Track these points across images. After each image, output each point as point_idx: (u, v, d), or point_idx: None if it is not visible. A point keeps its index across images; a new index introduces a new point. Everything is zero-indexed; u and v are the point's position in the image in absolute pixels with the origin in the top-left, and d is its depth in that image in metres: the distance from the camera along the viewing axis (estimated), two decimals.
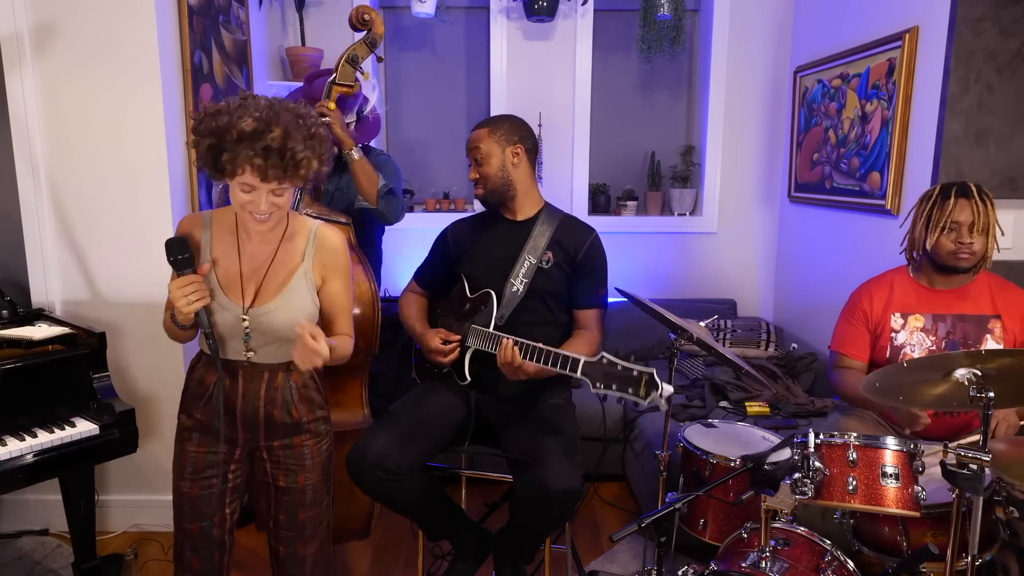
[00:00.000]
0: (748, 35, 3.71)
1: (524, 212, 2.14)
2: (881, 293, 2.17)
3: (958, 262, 2.02)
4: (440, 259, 2.26)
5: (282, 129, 1.41)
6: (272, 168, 1.42)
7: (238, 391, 1.64)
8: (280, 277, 1.62)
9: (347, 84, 2.34)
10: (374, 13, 2.35)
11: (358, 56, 2.34)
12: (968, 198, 1.98)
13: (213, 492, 1.67)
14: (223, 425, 1.65)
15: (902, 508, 1.58)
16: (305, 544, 1.74)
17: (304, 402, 1.68)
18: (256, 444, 1.69)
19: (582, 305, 2.12)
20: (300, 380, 1.68)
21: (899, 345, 2.14)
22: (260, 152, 1.40)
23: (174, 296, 1.50)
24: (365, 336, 2.21)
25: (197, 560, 1.70)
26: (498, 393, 2.07)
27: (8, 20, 2.37)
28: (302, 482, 1.69)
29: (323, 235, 1.67)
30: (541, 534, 2.03)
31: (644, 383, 1.61)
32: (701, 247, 3.92)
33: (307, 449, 1.69)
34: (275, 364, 1.65)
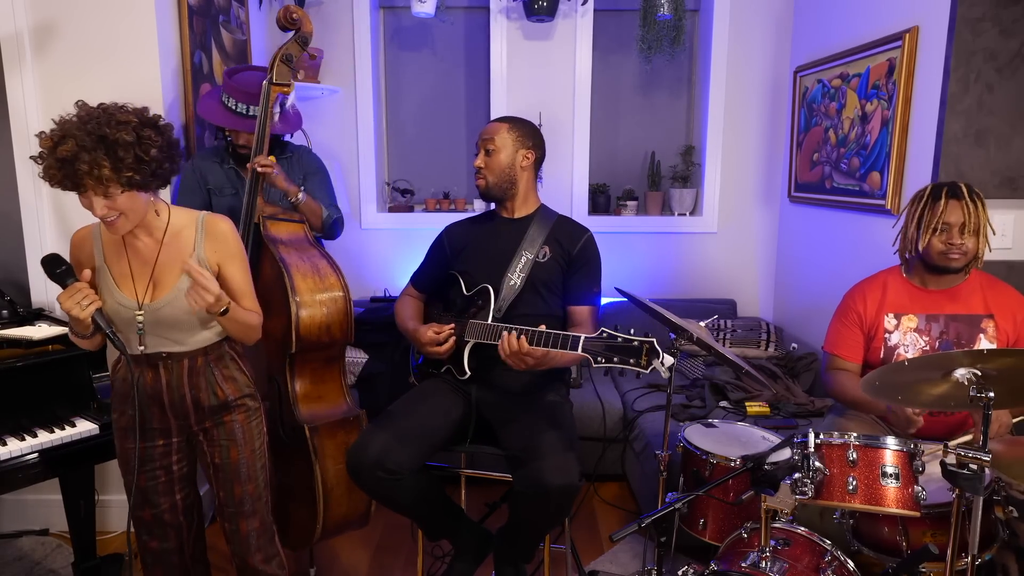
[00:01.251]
0: (748, 35, 3.71)
1: (520, 211, 2.18)
2: (874, 294, 2.18)
3: (949, 262, 2.02)
4: (436, 261, 2.28)
5: (75, 141, 1.47)
6: (66, 179, 1.50)
7: (162, 382, 1.73)
8: (173, 270, 1.69)
9: (284, 83, 2.34)
10: (300, 12, 2.34)
11: (292, 55, 2.34)
12: (959, 199, 1.99)
13: (160, 483, 1.79)
14: (154, 418, 1.75)
15: (902, 508, 1.58)
16: (246, 520, 1.83)
17: (228, 381, 1.78)
18: (190, 430, 1.79)
19: (576, 302, 2.14)
20: (221, 361, 1.78)
21: (892, 346, 2.14)
22: (55, 164, 1.49)
23: (67, 307, 1.57)
24: (340, 327, 2.23)
25: (154, 541, 1.83)
26: (498, 387, 2.08)
27: (8, 20, 2.37)
28: (235, 457, 1.79)
29: (211, 222, 1.74)
30: (540, 530, 2.03)
31: (645, 352, 1.66)
32: (701, 247, 3.92)
33: (237, 425, 1.80)
34: (193, 351, 1.74)
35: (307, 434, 2.13)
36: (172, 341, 1.72)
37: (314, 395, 2.26)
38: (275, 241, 2.25)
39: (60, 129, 1.50)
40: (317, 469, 2.14)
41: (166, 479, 1.80)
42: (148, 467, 1.77)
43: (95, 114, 1.53)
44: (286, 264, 2.17)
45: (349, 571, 2.55)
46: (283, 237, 2.29)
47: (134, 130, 1.54)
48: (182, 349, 1.73)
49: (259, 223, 2.28)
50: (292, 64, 2.34)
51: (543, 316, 2.09)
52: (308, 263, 2.24)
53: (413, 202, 3.96)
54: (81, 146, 1.47)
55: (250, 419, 1.82)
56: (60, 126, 1.51)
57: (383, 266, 3.81)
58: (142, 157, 1.54)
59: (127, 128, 1.53)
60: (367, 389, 3.20)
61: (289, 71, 2.34)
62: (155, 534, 1.82)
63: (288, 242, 2.28)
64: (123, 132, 1.52)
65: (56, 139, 1.49)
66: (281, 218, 2.34)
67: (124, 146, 1.52)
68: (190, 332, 1.72)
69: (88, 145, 1.48)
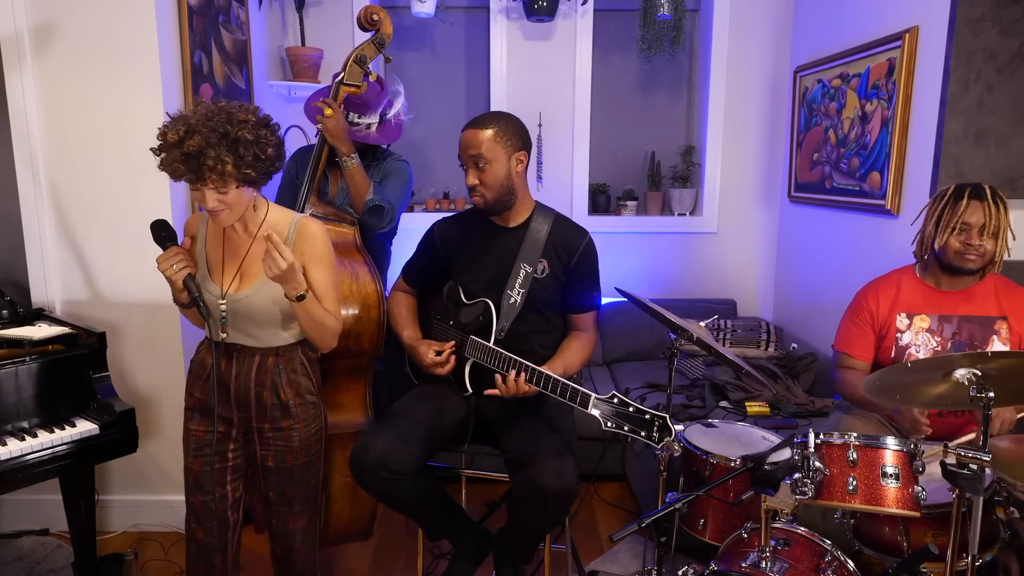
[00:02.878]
0: (748, 35, 3.71)
1: (516, 219, 2.07)
2: (887, 293, 2.16)
3: (964, 263, 2.01)
4: (428, 259, 2.22)
5: (201, 136, 1.53)
6: (189, 171, 1.56)
7: (232, 372, 1.79)
8: (261, 265, 1.70)
9: (354, 84, 2.35)
10: (383, 13, 2.34)
11: (366, 56, 2.34)
12: (981, 200, 1.96)
13: (214, 469, 1.82)
14: (219, 404, 1.80)
15: (902, 508, 1.58)
16: (295, 519, 1.87)
17: (292, 386, 1.81)
18: (249, 425, 1.82)
19: (578, 309, 2.11)
20: (291, 365, 1.81)
21: (904, 345, 2.14)
22: (180, 158, 1.55)
23: (162, 267, 1.67)
24: (370, 338, 2.21)
25: (201, 531, 1.84)
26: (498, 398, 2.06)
27: (8, 20, 2.37)
28: (290, 462, 1.82)
29: (304, 226, 1.78)
30: (539, 533, 2.03)
31: (657, 427, 1.65)
32: (701, 247, 3.92)
33: (295, 432, 1.82)
34: (266, 348, 1.79)
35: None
36: (250, 336, 1.77)
37: (334, 403, 2.24)
38: None
39: (184, 124, 1.55)
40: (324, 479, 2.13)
41: (220, 466, 1.83)
42: (206, 452, 1.81)
43: (217, 112, 1.58)
44: None
45: (349, 571, 2.55)
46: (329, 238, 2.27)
47: (253, 128, 1.61)
48: (256, 344, 1.78)
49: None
50: (365, 66, 2.33)
51: (544, 332, 2.09)
52: (348, 269, 2.22)
53: (413, 202, 3.95)
54: (208, 142, 1.53)
55: (309, 426, 1.83)
56: (183, 122, 1.56)
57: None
58: (259, 155, 1.61)
59: (247, 127, 1.59)
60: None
61: (362, 72, 2.34)
62: (203, 523, 1.84)
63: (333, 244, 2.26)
64: (244, 130, 1.58)
65: (183, 134, 1.54)
66: (331, 219, 2.33)
67: (245, 144, 1.58)
68: (268, 329, 1.77)
69: (213, 141, 1.54)
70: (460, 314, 2.11)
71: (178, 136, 1.54)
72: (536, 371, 1.83)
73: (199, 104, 1.62)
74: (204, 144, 1.53)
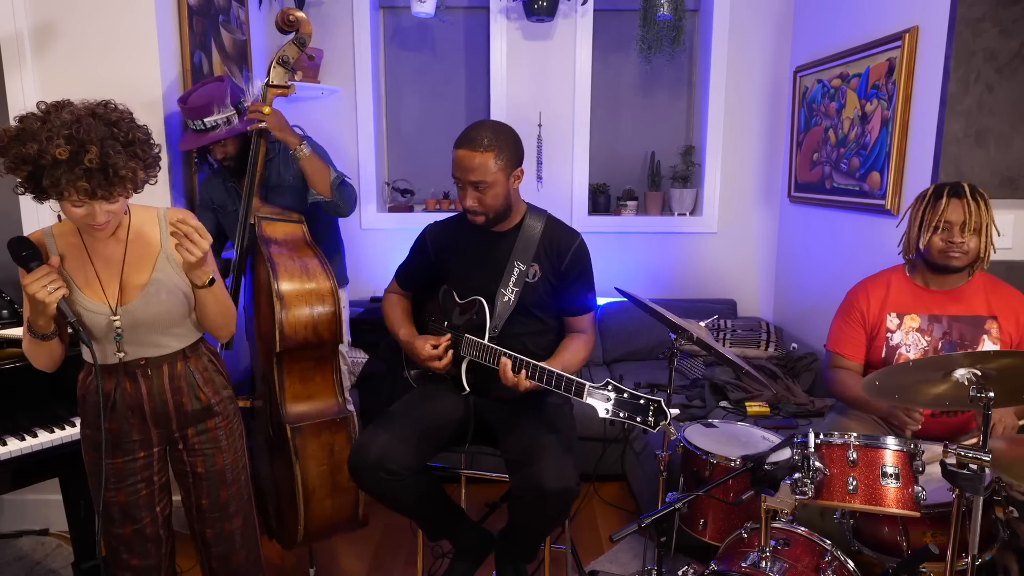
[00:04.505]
0: (748, 35, 3.71)
1: (508, 223, 2.06)
2: (877, 292, 2.17)
3: (949, 261, 2.02)
4: (420, 262, 2.21)
5: (97, 146, 1.35)
6: (99, 187, 1.38)
7: (141, 392, 1.65)
8: (142, 270, 1.62)
9: (282, 85, 2.35)
10: (298, 13, 2.34)
11: (288, 57, 2.33)
12: (960, 198, 1.98)
13: (141, 496, 1.71)
14: (133, 430, 1.67)
15: (902, 508, 1.58)
16: (230, 520, 1.79)
17: (208, 384, 1.73)
18: (170, 437, 1.72)
19: (573, 311, 2.09)
20: (200, 364, 1.72)
21: (894, 345, 2.14)
22: (82, 175, 1.36)
23: (32, 289, 1.44)
24: (328, 327, 2.23)
25: (136, 559, 1.73)
26: (497, 396, 2.06)
27: (8, 20, 2.37)
28: (220, 463, 1.75)
29: (172, 214, 1.65)
30: (539, 533, 2.03)
31: (653, 411, 1.63)
32: (701, 247, 3.92)
33: (221, 431, 1.75)
34: (172, 354, 1.67)
35: (288, 434, 2.12)
36: (151, 344, 1.65)
37: (303, 395, 2.25)
38: (268, 241, 2.25)
39: (60, 136, 1.34)
40: (297, 470, 2.13)
41: (147, 492, 1.71)
42: (129, 481, 1.68)
43: (84, 114, 1.39)
44: (273, 264, 2.17)
45: (349, 571, 2.55)
46: (277, 237, 2.29)
47: (132, 124, 1.46)
48: (161, 352, 1.66)
49: (254, 224, 2.28)
50: (289, 65, 2.34)
51: (538, 333, 2.08)
52: (298, 263, 2.23)
53: (413, 202, 3.96)
54: (110, 150, 1.37)
55: (231, 421, 1.78)
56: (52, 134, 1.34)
57: (383, 266, 3.80)
58: (154, 153, 1.50)
59: (130, 124, 1.45)
60: (367, 389, 3.20)
61: (287, 73, 2.34)
62: (136, 551, 1.72)
63: (282, 242, 2.28)
64: (132, 129, 1.44)
65: (74, 147, 1.34)
66: (278, 219, 2.34)
67: (141, 144, 1.45)
68: (170, 331, 1.66)
69: (116, 148, 1.38)
70: (454, 314, 2.11)
71: (67, 152, 1.33)
72: (531, 364, 1.82)
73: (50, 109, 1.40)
74: (108, 153, 1.36)
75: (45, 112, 1.41)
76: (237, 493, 1.79)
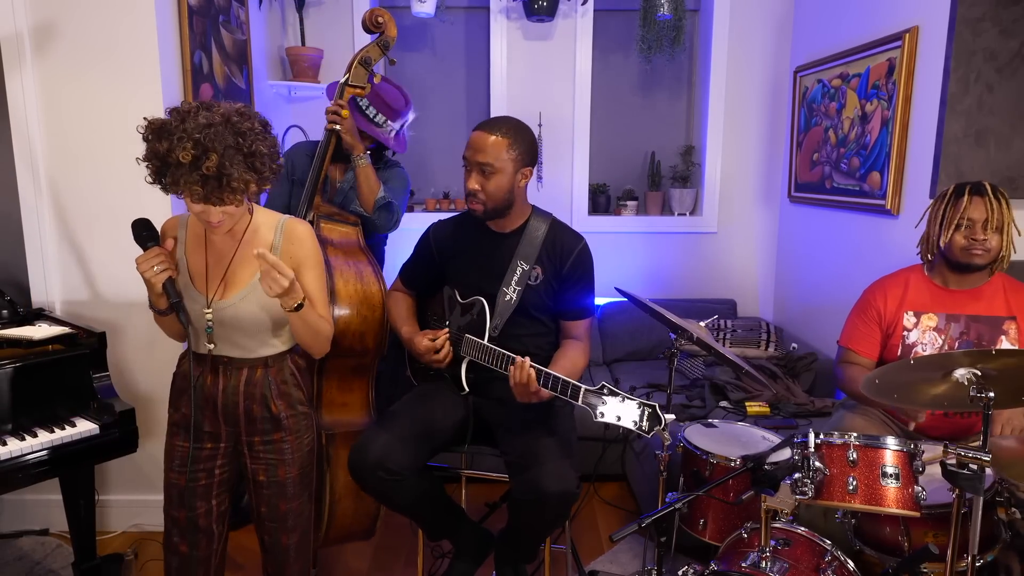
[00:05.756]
0: (748, 35, 3.71)
1: (512, 224, 2.07)
2: (895, 291, 2.16)
3: (972, 259, 2.01)
4: (424, 260, 2.22)
5: (219, 155, 1.42)
6: (211, 194, 1.45)
7: (218, 386, 1.70)
8: (247, 271, 1.65)
9: (359, 86, 2.36)
10: (387, 15, 2.35)
11: (371, 58, 2.35)
12: (982, 196, 1.99)
13: (200, 485, 1.74)
14: (206, 420, 1.72)
15: (902, 508, 1.58)
16: (288, 534, 1.79)
17: (283, 397, 1.73)
18: (239, 439, 1.75)
19: (571, 315, 2.08)
20: (280, 376, 1.74)
21: (911, 344, 2.14)
22: (198, 180, 1.43)
23: (142, 268, 1.58)
24: (375, 337, 2.20)
25: (185, 545, 1.76)
26: (496, 396, 2.06)
27: (8, 20, 2.37)
28: (282, 476, 1.75)
29: (291, 227, 1.70)
30: (539, 535, 2.03)
31: (647, 416, 1.63)
32: (701, 247, 3.92)
33: (287, 445, 1.75)
34: (254, 359, 1.71)
35: (323, 440, 2.11)
36: (237, 346, 1.69)
37: (338, 402, 2.24)
38: (324, 242, 2.21)
39: (190, 140, 1.41)
40: (328, 477, 2.12)
41: (206, 482, 1.74)
42: (191, 468, 1.73)
43: (220, 121, 1.46)
44: (329, 266, 2.15)
45: (349, 571, 2.55)
46: (334, 239, 2.27)
47: (263, 138, 1.52)
48: (244, 356, 1.69)
49: (313, 221, 2.27)
50: (371, 67, 2.35)
51: (538, 335, 2.08)
52: (353, 268, 2.22)
53: (413, 202, 3.96)
54: (229, 161, 1.43)
55: (301, 438, 1.77)
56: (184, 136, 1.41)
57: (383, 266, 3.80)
58: (274, 168, 1.55)
59: (258, 137, 1.50)
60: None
61: (366, 74, 2.35)
62: (186, 537, 1.75)
63: (338, 244, 2.26)
64: (257, 142, 1.49)
65: (197, 152, 1.41)
66: (336, 219, 2.33)
67: (261, 158, 1.50)
68: (257, 337, 1.69)
69: (236, 160, 1.44)
70: (455, 314, 2.11)
71: (190, 156, 1.41)
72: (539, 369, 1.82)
73: (192, 110, 1.47)
74: (225, 164, 1.43)
75: (186, 112, 1.47)
76: (298, 508, 1.79)
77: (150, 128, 1.48)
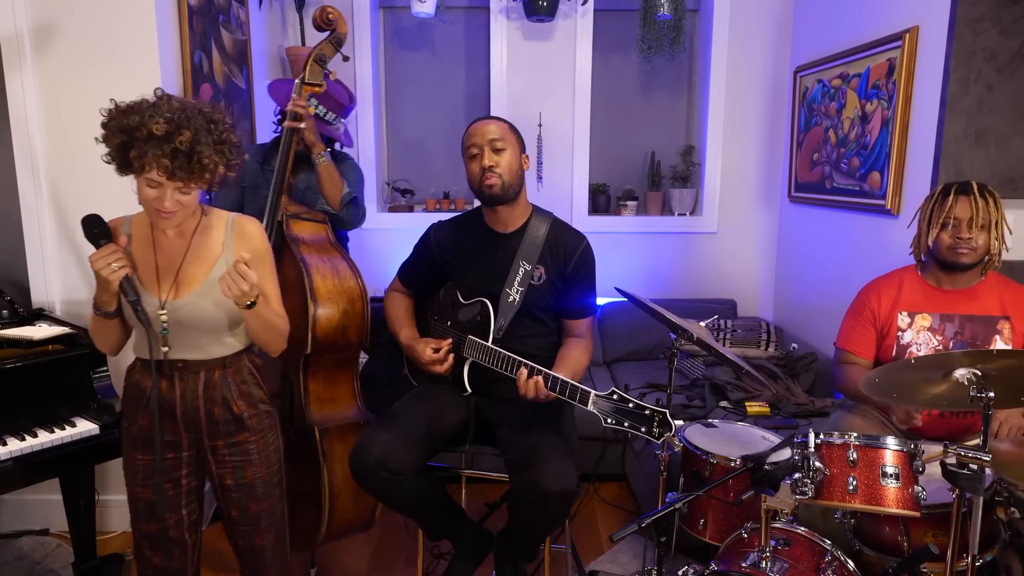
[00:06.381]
0: (748, 35, 3.71)
1: (513, 223, 2.08)
2: (889, 291, 2.17)
3: (958, 257, 2.02)
4: (424, 260, 2.22)
5: (192, 132, 1.44)
6: (179, 169, 1.45)
7: (175, 393, 1.65)
8: (199, 269, 1.63)
9: (316, 83, 2.37)
10: (337, 12, 2.37)
11: (326, 56, 2.37)
12: (967, 195, 2.00)
13: (168, 496, 1.70)
14: (165, 430, 1.66)
15: (902, 508, 1.58)
16: (262, 535, 1.77)
17: (244, 397, 1.70)
18: (201, 444, 1.71)
19: (573, 314, 2.09)
20: (239, 376, 1.70)
21: (905, 344, 2.14)
22: (168, 153, 1.43)
23: (97, 266, 1.51)
24: (356, 330, 2.23)
25: (158, 557, 1.73)
26: (498, 396, 2.06)
27: (8, 20, 2.37)
28: (250, 477, 1.72)
29: (241, 224, 1.69)
30: (539, 534, 2.03)
31: (657, 422, 1.64)
32: (701, 247, 3.92)
33: (252, 445, 1.72)
34: (210, 361, 1.67)
35: (317, 436, 2.11)
36: (193, 347, 1.65)
37: (326, 397, 2.25)
38: (297, 240, 2.24)
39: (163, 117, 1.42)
40: (325, 472, 2.13)
41: (173, 493, 1.70)
42: (156, 479, 1.69)
43: (192, 107, 1.48)
44: (306, 264, 2.16)
45: (349, 571, 2.55)
46: (305, 237, 2.28)
47: (232, 130, 1.53)
48: (201, 357, 1.66)
49: (282, 221, 2.27)
50: (325, 64, 2.36)
51: (541, 336, 2.09)
52: (328, 264, 2.23)
53: (413, 202, 3.96)
54: (202, 140, 1.44)
55: (265, 436, 1.74)
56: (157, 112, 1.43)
57: (383, 266, 3.80)
58: (238, 162, 1.56)
59: (227, 128, 1.52)
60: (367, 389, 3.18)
61: (321, 71, 2.36)
62: (159, 549, 1.72)
63: (310, 242, 2.27)
64: (228, 132, 1.51)
65: (171, 127, 1.42)
66: (304, 217, 2.33)
67: (231, 146, 1.52)
68: (212, 337, 1.66)
69: (208, 141, 1.45)
70: (458, 314, 2.10)
71: (163, 129, 1.41)
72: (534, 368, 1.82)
73: (163, 96, 1.49)
74: (200, 140, 1.44)
75: (158, 97, 1.50)
76: (269, 508, 1.76)
77: (118, 108, 1.47)
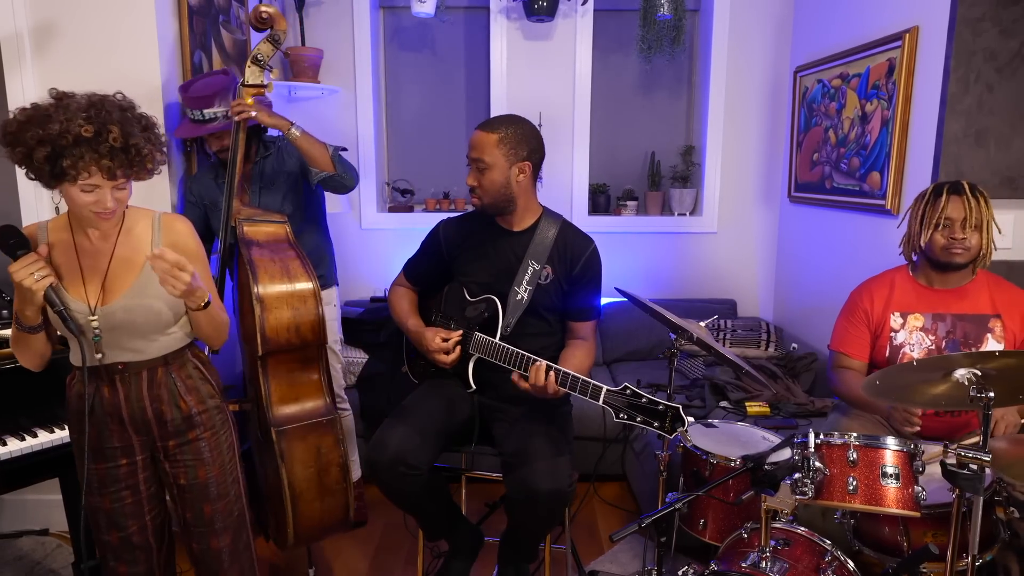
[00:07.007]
0: (748, 35, 3.71)
1: (522, 223, 2.08)
2: (881, 292, 2.17)
3: (952, 257, 2.02)
4: (431, 257, 2.21)
5: (118, 126, 1.39)
6: (120, 167, 1.41)
7: (119, 397, 1.60)
8: (128, 272, 1.58)
9: (258, 85, 2.29)
10: (273, 9, 2.27)
11: (262, 55, 2.26)
12: (960, 195, 2.00)
13: (126, 504, 1.66)
14: (113, 436, 1.62)
15: (902, 508, 1.58)
16: (217, 537, 1.71)
17: (191, 393, 1.66)
18: (154, 446, 1.67)
19: (578, 316, 2.10)
20: (184, 372, 1.66)
21: (898, 344, 2.14)
22: (106, 153, 1.38)
23: (19, 277, 1.43)
24: (311, 328, 2.19)
25: (123, 565, 1.68)
26: (501, 394, 2.06)
27: (8, 20, 2.37)
28: (203, 477, 1.67)
29: (168, 221, 1.64)
30: (535, 534, 2.03)
31: (670, 418, 1.64)
32: (701, 247, 3.92)
33: (204, 443, 1.67)
34: (152, 360, 1.61)
35: (274, 437, 2.10)
36: (130, 349, 1.59)
37: (289, 397, 2.22)
38: (248, 244, 2.21)
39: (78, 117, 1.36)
40: (284, 473, 2.09)
41: (133, 500, 1.66)
42: (112, 488, 1.64)
43: (94, 100, 1.42)
44: (253, 266, 2.14)
45: (349, 571, 2.55)
46: (259, 239, 2.25)
47: (145, 114, 1.50)
48: (140, 358, 1.60)
49: (235, 226, 2.25)
50: (263, 64, 2.27)
51: (547, 335, 2.09)
52: (279, 264, 2.21)
53: (413, 202, 3.96)
54: (130, 132, 1.40)
55: (217, 433, 1.70)
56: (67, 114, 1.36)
57: (383, 266, 3.81)
58: (163, 140, 1.52)
59: (142, 113, 1.48)
60: (367, 389, 3.20)
61: (261, 71, 2.28)
62: (123, 558, 1.67)
63: (263, 244, 2.24)
64: (145, 117, 1.48)
65: (97, 127, 1.36)
66: (259, 220, 2.30)
67: (154, 130, 1.48)
68: (149, 337, 1.59)
69: (136, 130, 1.41)
70: (464, 311, 2.11)
71: (92, 130, 1.35)
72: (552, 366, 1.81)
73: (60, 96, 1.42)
74: (131, 133, 1.39)
75: (56, 99, 1.42)
76: (224, 509, 1.71)
77: (16, 120, 1.40)
